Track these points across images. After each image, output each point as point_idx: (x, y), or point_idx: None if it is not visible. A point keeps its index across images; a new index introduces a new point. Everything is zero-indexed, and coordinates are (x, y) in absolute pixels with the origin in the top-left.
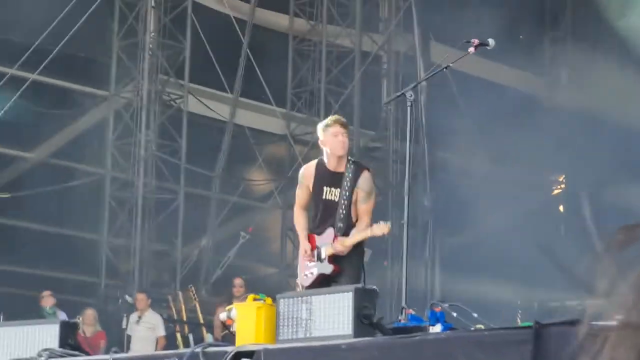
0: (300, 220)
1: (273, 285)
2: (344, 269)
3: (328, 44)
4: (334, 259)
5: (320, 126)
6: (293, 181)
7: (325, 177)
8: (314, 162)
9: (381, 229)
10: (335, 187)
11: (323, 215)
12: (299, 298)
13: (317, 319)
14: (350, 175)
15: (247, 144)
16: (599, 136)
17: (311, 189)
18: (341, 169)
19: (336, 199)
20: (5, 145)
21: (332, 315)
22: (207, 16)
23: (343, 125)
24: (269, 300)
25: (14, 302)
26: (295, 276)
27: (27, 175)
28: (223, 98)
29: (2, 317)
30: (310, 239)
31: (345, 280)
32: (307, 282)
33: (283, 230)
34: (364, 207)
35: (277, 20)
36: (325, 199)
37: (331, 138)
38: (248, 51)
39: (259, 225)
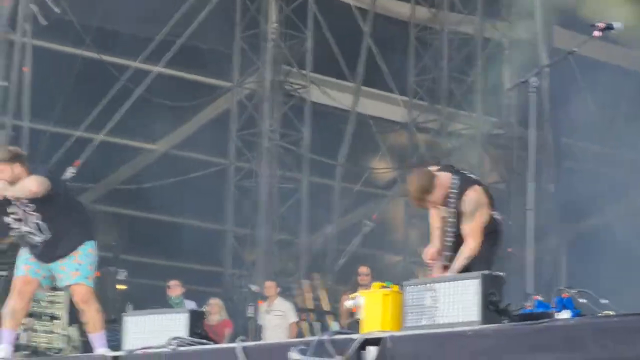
0: (431, 221)
1: (398, 273)
2: (472, 263)
3: (450, 31)
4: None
5: None
6: (416, 169)
7: None
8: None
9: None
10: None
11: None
12: (425, 285)
13: (444, 306)
14: (455, 193)
15: (369, 132)
16: None
17: None
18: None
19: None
20: (130, 138)
21: (459, 302)
22: (328, 6)
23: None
24: (395, 287)
25: (142, 291)
26: (419, 264)
27: (152, 167)
28: (345, 87)
29: (132, 307)
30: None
31: (472, 267)
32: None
33: (407, 218)
34: (465, 227)
35: (398, 8)
36: (442, 216)
37: None
38: (370, 40)
39: (383, 214)
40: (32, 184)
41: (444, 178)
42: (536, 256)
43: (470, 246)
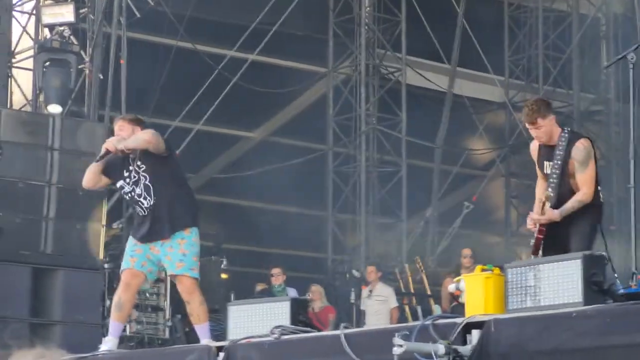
0: (536, 191)
1: (499, 253)
2: (570, 232)
3: (544, 9)
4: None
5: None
6: (514, 149)
7: (544, 151)
8: None
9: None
10: (552, 160)
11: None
12: (527, 267)
13: (546, 287)
14: (563, 144)
15: (466, 113)
16: None
17: (537, 165)
18: (553, 142)
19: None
20: (228, 126)
21: (561, 283)
22: None
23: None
24: (497, 270)
25: (244, 279)
26: (520, 244)
27: (250, 155)
28: (440, 69)
29: (233, 295)
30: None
31: (574, 244)
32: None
33: (507, 198)
34: (579, 177)
35: None
36: (547, 173)
37: None
38: (464, 21)
39: (483, 195)
40: (147, 134)
41: (557, 126)
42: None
43: (584, 191)
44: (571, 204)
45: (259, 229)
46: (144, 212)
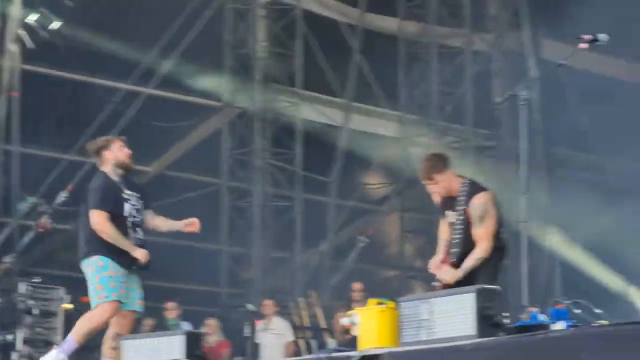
0: (440, 233)
1: (394, 287)
2: (477, 277)
3: (439, 45)
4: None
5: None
6: (409, 183)
7: (446, 200)
8: None
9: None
10: (454, 210)
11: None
12: (421, 300)
13: (440, 321)
14: (464, 197)
15: (361, 148)
16: None
17: (440, 212)
18: (454, 193)
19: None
20: None
21: (455, 317)
22: (316, 23)
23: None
24: (391, 304)
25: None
26: (415, 278)
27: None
28: (336, 104)
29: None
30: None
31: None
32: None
33: (401, 232)
34: (476, 232)
35: (386, 23)
36: (451, 222)
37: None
38: (359, 56)
39: (377, 229)
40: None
41: (456, 178)
42: (530, 268)
43: (482, 247)
44: (471, 262)
45: (154, 263)
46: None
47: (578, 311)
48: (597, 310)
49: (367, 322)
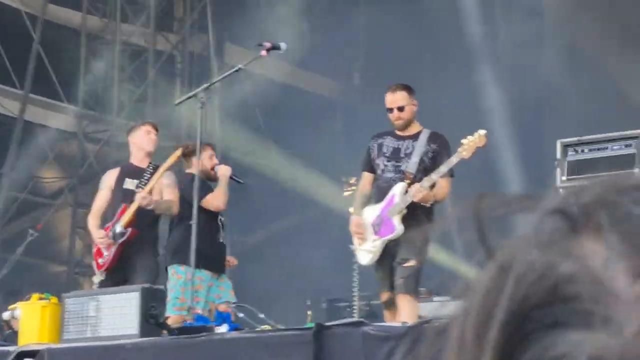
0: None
1: (62, 283)
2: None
3: (122, 42)
4: None
5: None
6: (83, 179)
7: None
8: None
9: None
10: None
11: None
12: (88, 297)
13: (106, 318)
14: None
15: (38, 140)
16: None
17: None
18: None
19: None
20: None
21: (120, 315)
22: None
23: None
24: (54, 299)
25: None
26: (84, 274)
27: None
28: (14, 94)
29: None
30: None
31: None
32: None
33: (73, 228)
34: None
35: (70, 16)
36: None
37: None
38: (39, 47)
39: (49, 223)
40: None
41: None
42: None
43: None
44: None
45: None
46: None
47: (241, 315)
48: (261, 315)
49: (29, 317)
